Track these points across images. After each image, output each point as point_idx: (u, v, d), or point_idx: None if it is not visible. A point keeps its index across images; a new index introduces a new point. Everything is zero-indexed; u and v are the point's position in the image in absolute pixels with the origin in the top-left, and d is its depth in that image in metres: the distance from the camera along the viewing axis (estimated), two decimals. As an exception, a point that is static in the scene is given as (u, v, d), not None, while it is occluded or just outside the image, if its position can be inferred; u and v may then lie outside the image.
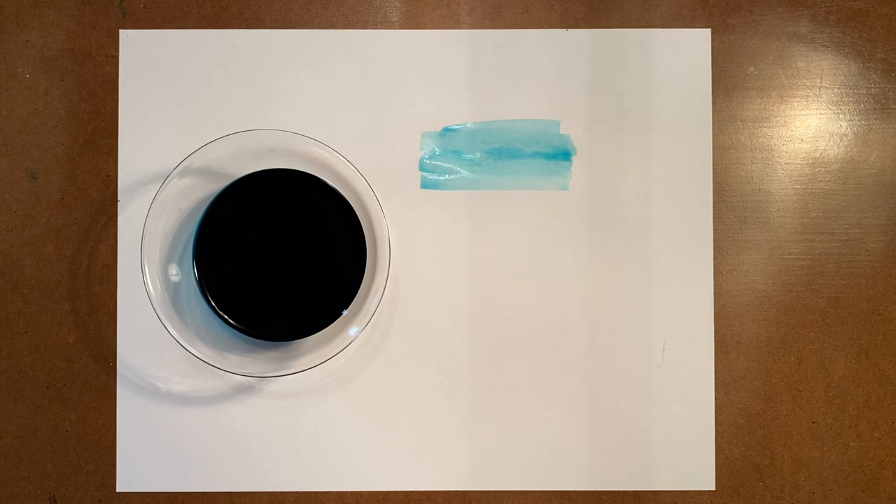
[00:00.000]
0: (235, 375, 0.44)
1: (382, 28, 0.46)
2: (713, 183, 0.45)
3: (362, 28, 0.46)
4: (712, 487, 0.45)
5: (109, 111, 0.45)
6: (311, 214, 0.43)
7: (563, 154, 0.45)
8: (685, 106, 0.45)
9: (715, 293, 0.45)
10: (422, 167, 0.45)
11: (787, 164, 0.46)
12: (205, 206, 0.43)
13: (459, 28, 0.46)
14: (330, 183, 0.43)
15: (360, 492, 0.45)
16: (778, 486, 0.45)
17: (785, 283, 0.45)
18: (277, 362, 0.44)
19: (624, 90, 0.45)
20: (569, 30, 0.46)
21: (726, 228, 0.45)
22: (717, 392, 0.45)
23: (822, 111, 0.46)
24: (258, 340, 0.43)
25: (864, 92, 0.46)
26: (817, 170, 0.46)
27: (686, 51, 0.46)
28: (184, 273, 0.44)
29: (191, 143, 0.44)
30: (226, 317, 0.42)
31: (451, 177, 0.45)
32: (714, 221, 0.45)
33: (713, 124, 0.45)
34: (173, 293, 0.44)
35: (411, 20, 0.46)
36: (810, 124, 0.46)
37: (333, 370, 0.45)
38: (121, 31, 0.45)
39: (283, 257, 0.43)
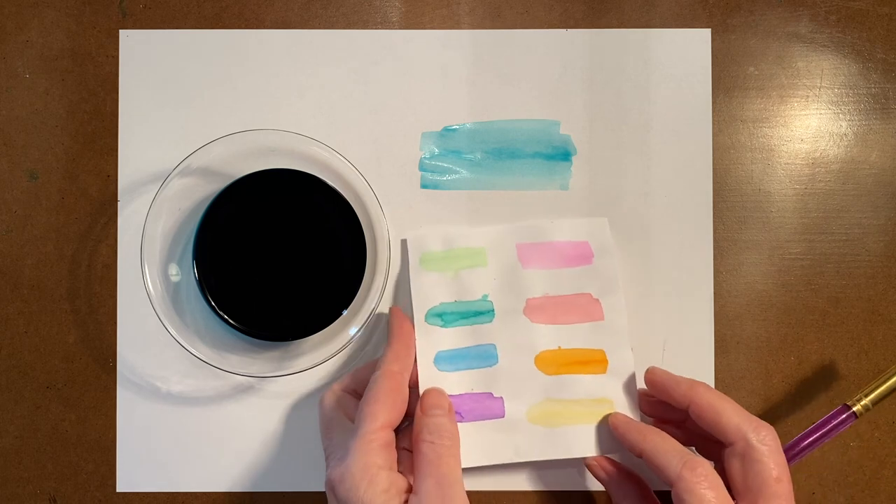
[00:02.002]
0: (235, 375, 0.44)
1: (382, 28, 0.46)
2: (713, 183, 0.45)
3: (362, 28, 0.46)
4: (712, 487, 0.45)
5: (109, 111, 0.45)
6: (311, 214, 0.43)
7: (563, 154, 0.45)
8: (685, 106, 0.45)
9: (715, 293, 0.45)
10: (422, 167, 0.45)
11: (787, 164, 0.46)
12: (205, 206, 0.43)
13: (459, 28, 0.46)
14: (330, 183, 0.43)
15: (360, 492, 0.45)
16: (778, 486, 0.45)
17: (785, 283, 0.45)
18: (277, 362, 0.44)
19: (624, 90, 0.45)
20: (569, 30, 0.46)
21: (726, 228, 0.45)
22: (717, 392, 0.45)
23: (822, 111, 0.46)
24: (258, 340, 0.43)
25: (864, 92, 0.46)
26: (817, 170, 0.46)
27: (686, 51, 0.46)
28: (184, 273, 0.44)
29: (191, 143, 0.44)
30: (226, 317, 0.42)
31: (451, 177, 0.45)
32: (714, 221, 0.45)
33: (713, 124, 0.45)
34: (173, 293, 0.44)
35: (411, 20, 0.46)
36: (810, 124, 0.46)
37: (333, 370, 0.45)
38: (121, 31, 0.45)
39: (283, 257, 0.43)
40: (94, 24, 0.45)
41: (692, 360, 0.45)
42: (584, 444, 0.42)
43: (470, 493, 0.44)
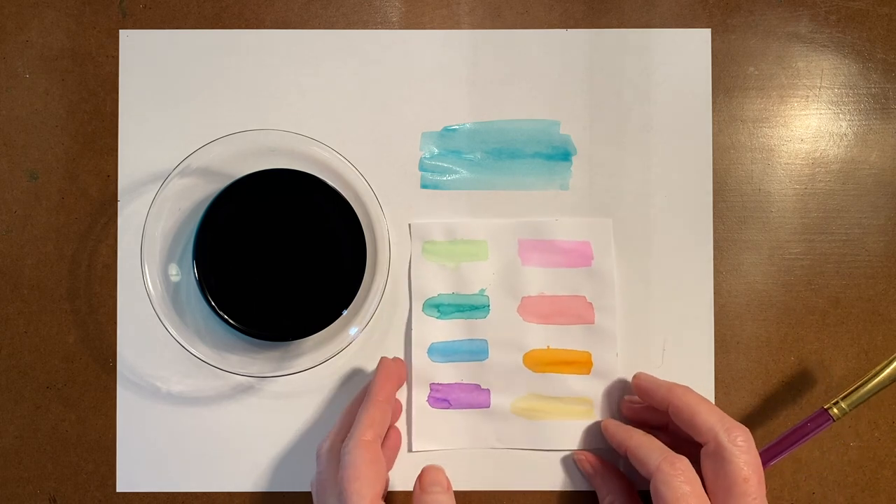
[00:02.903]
0: (235, 375, 0.44)
1: (382, 28, 0.46)
2: (713, 183, 0.45)
3: (362, 28, 0.46)
4: (712, 487, 0.45)
5: (109, 111, 0.45)
6: (311, 214, 0.43)
7: (563, 154, 0.45)
8: (685, 106, 0.45)
9: (715, 293, 0.45)
10: (422, 167, 0.45)
11: (787, 164, 0.46)
12: (205, 206, 0.43)
13: (459, 28, 0.46)
14: (330, 183, 0.43)
15: (360, 492, 0.45)
16: (778, 486, 0.45)
17: (785, 283, 0.45)
18: (277, 362, 0.44)
19: (624, 90, 0.45)
20: (569, 30, 0.46)
21: (726, 228, 0.45)
22: (717, 392, 0.45)
23: (822, 111, 0.46)
24: (258, 340, 0.43)
25: (864, 92, 0.46)
26: (817, 170, 0.46)
27: (686, 51, 0.46)
28: (184, 273, 0.44)
29: (191, 143, 0.44)
30: (226, 317, 0.42)
31: (451, 177, 0.45)
32: (714, 221, 0.45)
33: (713, 124, 0.45)
34: (173, 293, 0.44)
35: (411, 20, 0.46)
36: (810, 124, 0.46)
37: (333, 370, 0.45)
38: (121, 31, 0.45)
39: (283, 257, 0.43)
40: (94, 24, 0.45)
41: (692, 360, 0.45)
42: (562, 439, 0.44)
43: (470, 493, 0.44)
